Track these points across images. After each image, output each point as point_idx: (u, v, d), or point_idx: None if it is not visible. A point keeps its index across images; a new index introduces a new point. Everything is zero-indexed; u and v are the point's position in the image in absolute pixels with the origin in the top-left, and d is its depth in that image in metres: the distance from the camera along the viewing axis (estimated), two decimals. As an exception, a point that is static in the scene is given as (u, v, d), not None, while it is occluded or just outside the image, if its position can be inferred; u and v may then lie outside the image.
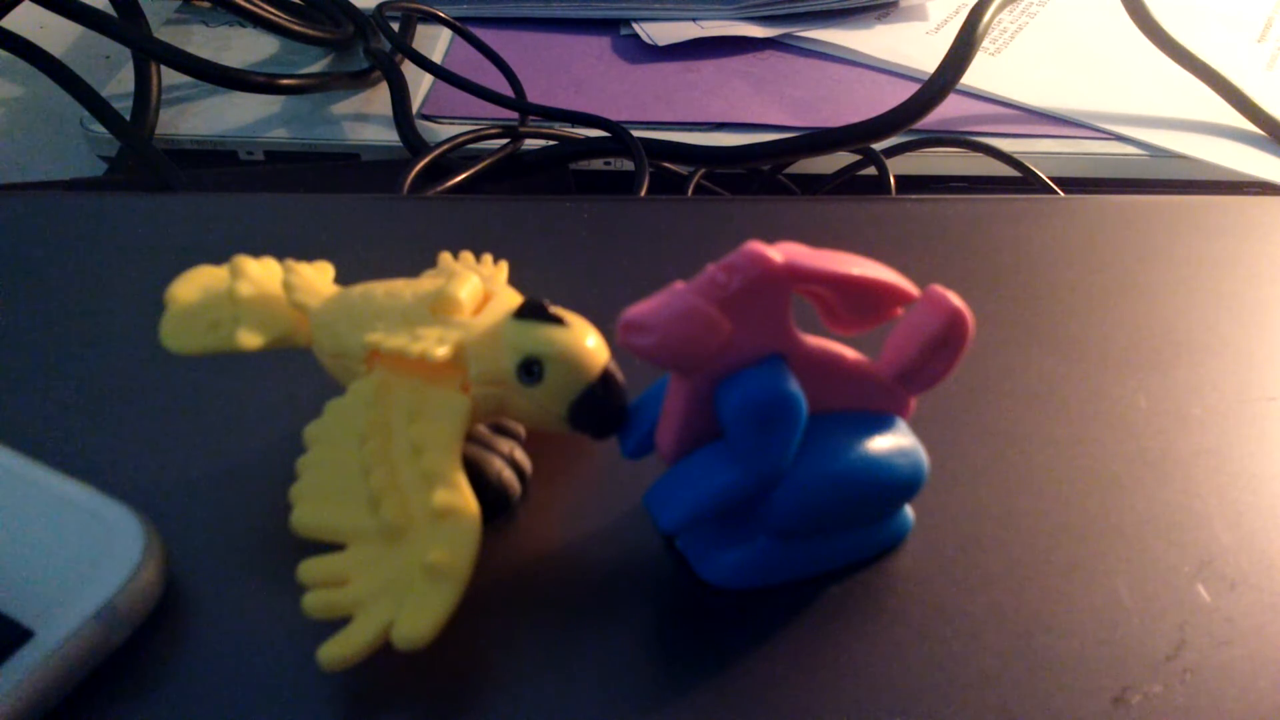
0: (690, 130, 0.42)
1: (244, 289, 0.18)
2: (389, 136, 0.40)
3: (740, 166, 0.40)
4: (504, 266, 0.21)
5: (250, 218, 0.26)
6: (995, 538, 0.18)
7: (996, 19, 0.40)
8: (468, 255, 0.20)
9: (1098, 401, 0.21)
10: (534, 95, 0.43)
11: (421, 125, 0.41)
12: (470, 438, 0.18)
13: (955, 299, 0.16)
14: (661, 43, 0.48)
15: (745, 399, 0.15)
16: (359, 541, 0.15)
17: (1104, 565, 0.18)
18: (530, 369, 0.16)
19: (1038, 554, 0.18)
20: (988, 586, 0.17)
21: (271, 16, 0.43)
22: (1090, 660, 0.16)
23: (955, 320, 0.16)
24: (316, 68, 0.45)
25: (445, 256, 0.20)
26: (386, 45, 0.44)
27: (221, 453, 0.19)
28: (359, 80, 0.44)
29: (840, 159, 0.40)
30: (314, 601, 0.15)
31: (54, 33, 0.43)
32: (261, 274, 0.19)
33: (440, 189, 0.36)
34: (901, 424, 0.17)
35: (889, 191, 0.38)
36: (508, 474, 0.18)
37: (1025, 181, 0.37)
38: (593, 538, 0.18)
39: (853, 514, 0.17)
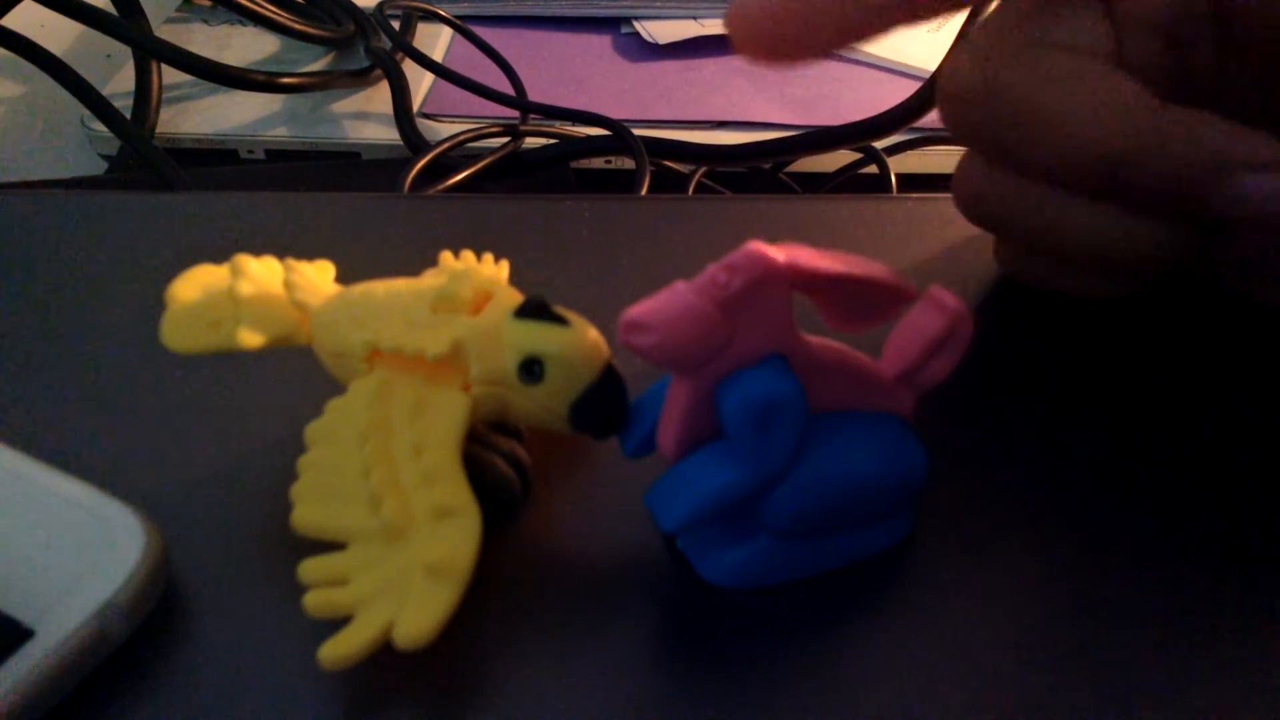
0: (691, 129, 0.42)
1: (245, 288, 0.18)
2: (390, 135, 0.40)
3: (741, 165, 0.40)
4: (505, 266, 0.21)
5: (251, 217, 0.26)
6: (996, 537, 0.18)
7: (998, 17, 0.40)
8: (468, 254, 0.20)
9: (1099, 400, 0.21)
10: (535, 94, 0.43)
11: (422, 124, 0.41)
12: (471, 437, 0.18)
13: (956, 299, 0.15)
14: (662, 41, 0.48)
15: (745, 399, 0.14)
16: (360, 541, 0.15)
17: (1106, 564, 0.18)
18: (531, 368, 0.16)
19: (1039, 553, 0.18)
20: (988, 586, 0.17)
21: (272, 15, 0.43)
22: (1091, 659, 0.16)
23: (956, 320, 0.16)
24: (317, 66, 0.45)
25: (446, 256, 0.20)
26: (387, 44, 0.44)
27: (221, 452, 0.19)
28: (360, 79, 0.44)
29: (841, 157, 0.40)
30: (315, 601, 0.14)
31: (54, 31, 0.43)
32: (262, 273, 0.19)
33: (441, 188, 0.36)
34: (902, 424, 0.17)
35: (890, 190, 0.38)
36: (509, 473, 0.18)
37: (1026, 180, 0.37)
38: (593, 538, 0.18)
39: (853, 514, 0.17)
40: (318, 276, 0.19)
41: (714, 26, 0.48)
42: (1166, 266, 0.21)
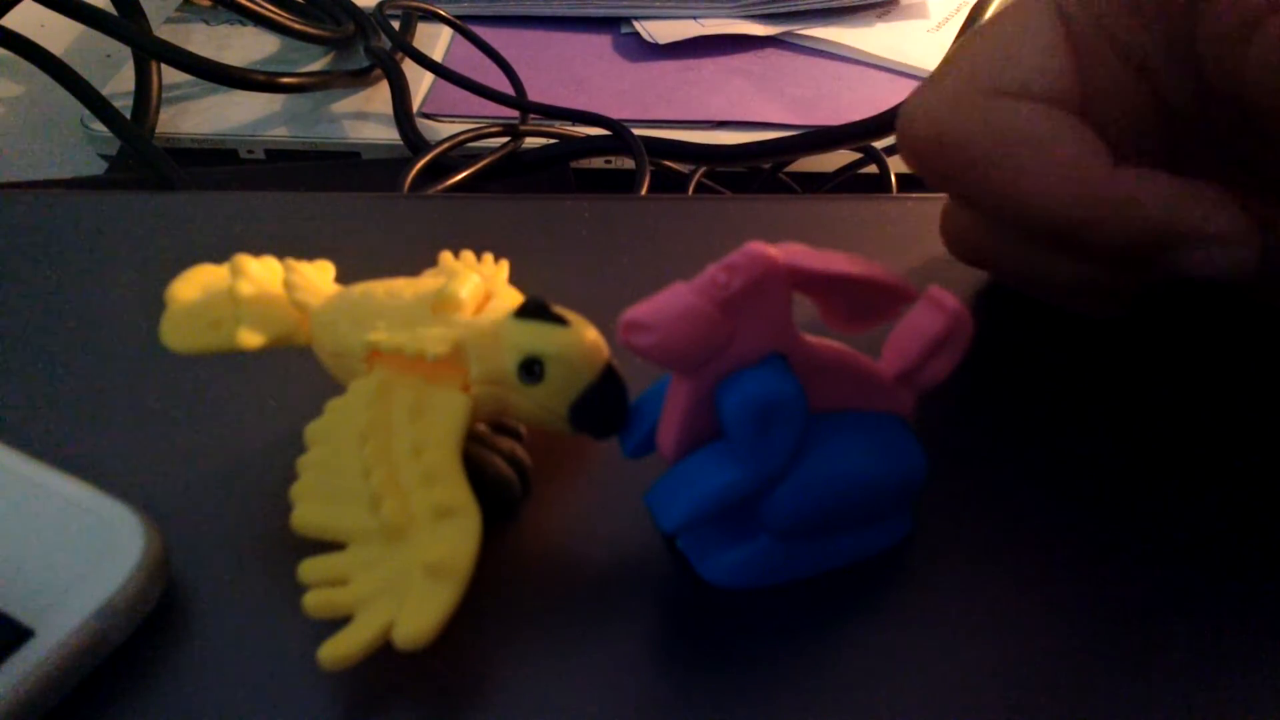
0: (691, 128, 0.42)
1: (244, 288, 0.18)
2: (389, 135, 0.40)
3: (741, 165, 0.40)
4: (504, 266, 0.21)
5: (251, 216, 0.26)
6: (995, 538, 0.18)
7: (998, 17, 0.40)
8: (468, 255, 0.20)
9: (1099, 400, 0.21)
10: (534, 94, 0.43)
11: (422, 124, 0.41)
12: (471, 437, 0.18)
13: (956, 299, 0.15)
14: (662, 41, 0.48)
15: (745, 399, 0.14)
16: (360, 541, 0.15)
17: (1105, 564, 0.18)
18: (531, 368, 0.16)
19: (1038, 554, 0.18)
20: (988, 586, 0.17)
21: (272, 15, 0.43)
22: (1091, 659, 0.16)
23: (956, 321, 0.16)
24: (317, 66, 0.45)
25: (446, 256, 0.20)
26: (387, 43, 0.44)
27: (221, 452, 0.19)
28: (359, 79, 0.44)
29: (841, 157, 0.40)
30: (315, 601, 0.15)
31: (54, 31, 0.43)
32: (262, 273, 0.19)
33: (440, 188, 0.36)
34: (902, 424, 0.17)
35: (890, 190, 0.38)
36: (509, 473, 0.18)
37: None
38: (593, 538, 0.18)
39: (853, 514, 0.17)
40: (318, 276, 0.19)
41: (714, 26, 0.48)
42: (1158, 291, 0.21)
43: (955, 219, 0.23)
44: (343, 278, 0.19)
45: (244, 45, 0.47)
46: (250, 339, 0.17)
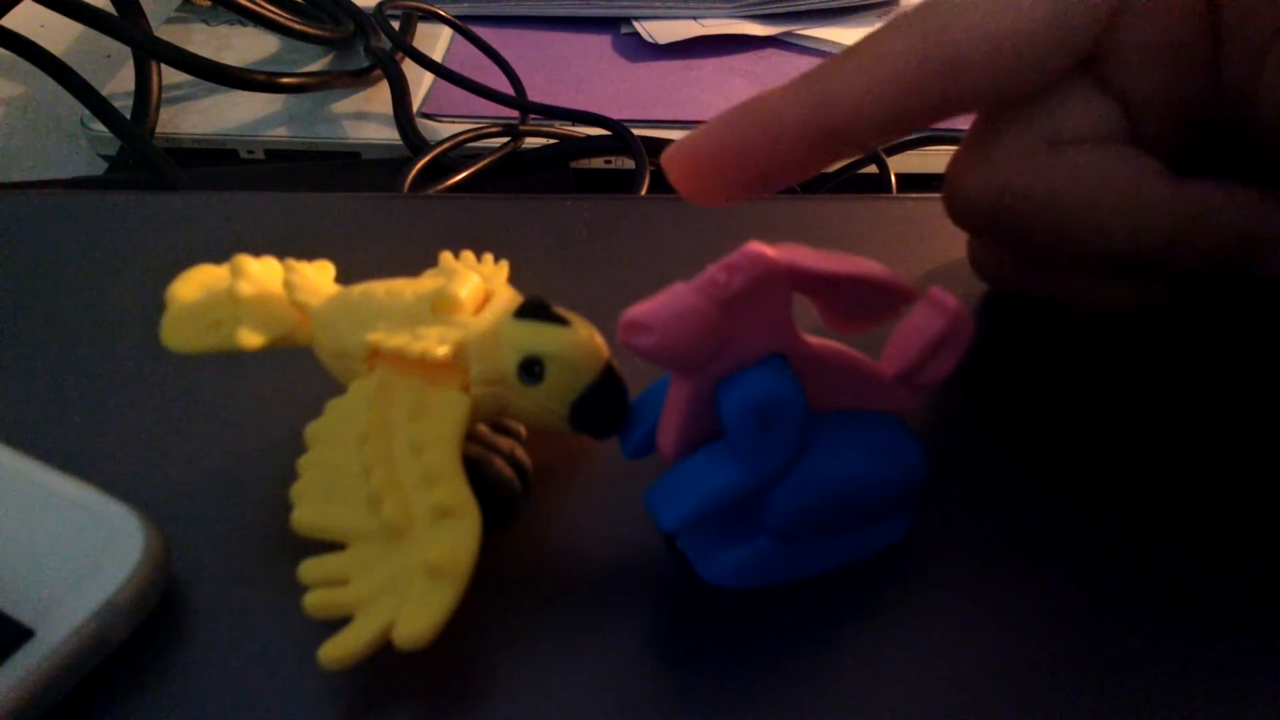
0: (691, 128, 0.41)
1: (245, 288, 0.18)
2: (389, 135, 0.40)
3: (741, 165, 0.40)
4: (504, 266, 0.21)
5: (251, 217, 0.26)
6: (995, 538, 0.18)
7: (998, 17, 0.40)
8: (468, 255, 0.20)
9: (1099, 400, 0.21)
10: (534, 94, 0.43)
11: (422, 124, 0.41)
12: (471, 437, 0.18)
13: (956, 300, 0.15)
14: (662, 41, 0.48)
15: (745, 398, 0.14)
16: (360, 541, 0.15)
17: (1105, 564, 0.18)
18: (531, 369, 0.16)
19: (1038, 553, 0.18)
20: (987, 586, 0.17)
21: (272, 15, 0.43)
22: (1091, 660, 0.16)
23: (956, 321, 0.16)
24: (317, 66, 0.45)
25: (446, 256, 0.20)
26: (387, 44, 0.44)
27: (221, 452, 0.19)
28: (359, 79, 0.44)
29: (841, 157, 0.40)
30: (315, 601, 0.15)
31: (54, 31, 0.43)
32: (262, 273, 0.19)
33: (440, 188, 0.36)
34: (902, 424, 0.17)
35: (890, 190, 0.38)
36: (509, 473, 0.18)
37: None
38: (593, 538, 0.18)
39: (853, 514, 0.17)
40: (318, 276, 0.19)
41: (714, 26, 0.48)
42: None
43: (992, 255, 0.23)
44: (343, 278, 0.19)
45: (244, 45, 0.47)
46: (250, 339, 0.17)
